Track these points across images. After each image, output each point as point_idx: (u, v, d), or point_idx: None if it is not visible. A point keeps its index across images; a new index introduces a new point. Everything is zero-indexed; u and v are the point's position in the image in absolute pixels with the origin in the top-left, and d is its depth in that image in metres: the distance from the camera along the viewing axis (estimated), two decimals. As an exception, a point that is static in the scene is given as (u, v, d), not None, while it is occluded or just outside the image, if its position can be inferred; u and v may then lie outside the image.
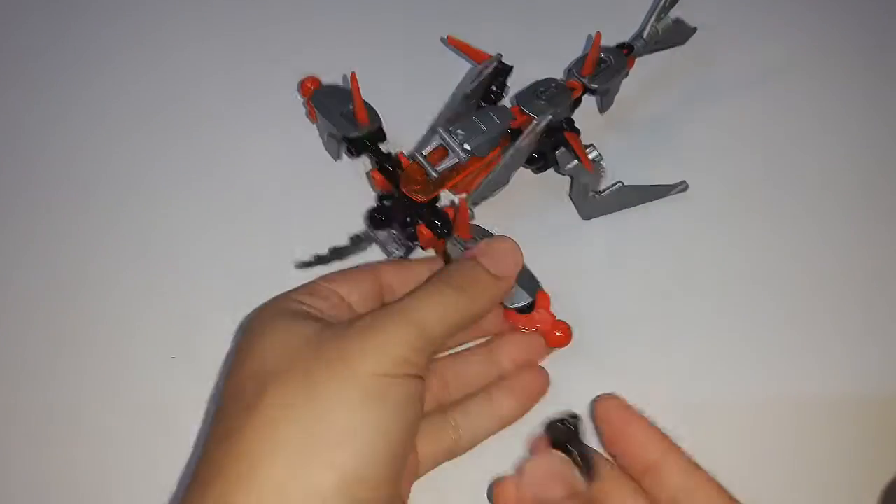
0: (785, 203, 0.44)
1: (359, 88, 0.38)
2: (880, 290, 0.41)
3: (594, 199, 0.42)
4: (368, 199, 0.42)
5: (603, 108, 0.45)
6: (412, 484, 0.33)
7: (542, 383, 0.36)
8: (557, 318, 0.35)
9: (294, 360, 0.28)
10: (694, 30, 0.49)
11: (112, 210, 0.43)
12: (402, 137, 0.42)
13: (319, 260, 0.40)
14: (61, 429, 0.37)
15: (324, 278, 0.34)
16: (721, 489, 0.29)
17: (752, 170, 0.45)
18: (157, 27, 0.52)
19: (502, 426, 0.35)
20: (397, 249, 0.40)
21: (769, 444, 0.36)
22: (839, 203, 0.44)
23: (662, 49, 0.47)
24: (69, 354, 0.39)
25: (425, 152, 0.38)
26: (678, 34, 0.48)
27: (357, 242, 0.41)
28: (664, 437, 0.30)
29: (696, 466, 0.30)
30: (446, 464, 0.34)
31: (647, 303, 0.40)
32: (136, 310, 0.40)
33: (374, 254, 0.41)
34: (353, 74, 0.38)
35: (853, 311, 0.40)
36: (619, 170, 0.42)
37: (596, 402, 0.32)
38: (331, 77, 0.43)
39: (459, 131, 0.37)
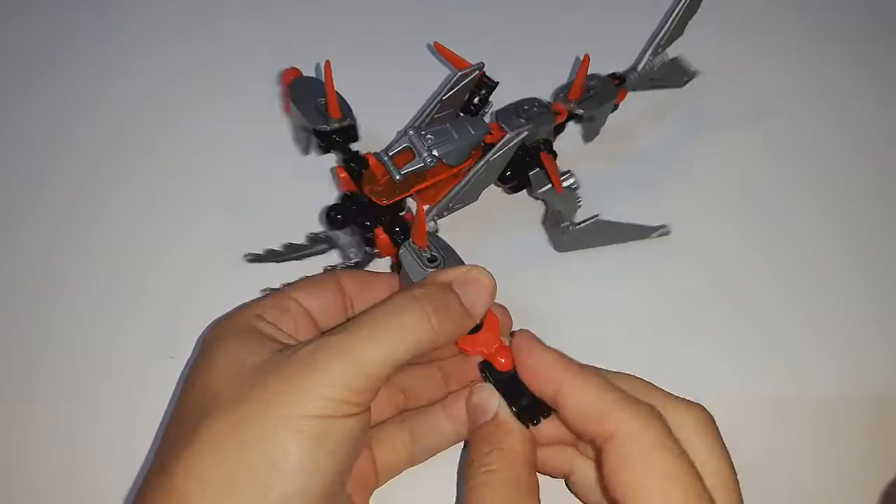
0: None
1: (332, 79, 0.37)
2: (878, 292, 0.41)
3: (569, 232, 0.40)
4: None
5: (587, 137, 0.43)
6: (370, 494, 0.32)
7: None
8: (504, 344, 0.33)
9: (235, 394, 0.27)
10: (695, 73, 0.47)
11: (105, 206, 0.42)
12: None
13: (272, 254, 0.39)
14: (61, 429, 0.36)
15: (291, 287, 0.33)
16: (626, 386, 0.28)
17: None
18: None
19: (459, 439, 0.34)
20: (355, 255, 0.38)
21: (769, 444, 0.36)
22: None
23: (659, 88, 0.46)
24: (68, 354, 0.38)
25: (391, 153, 0.36)
26: (677, 75, 0.47)
27: (314, 242, 0.39)
28: (570, 361, 0.29)
29: (605, 382, 0.28)
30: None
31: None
32: (135, 309, 0.39)
33: (332, 257, 0.40)
34: (327, 63, 0.36)
35: (852, 313, 0.40)
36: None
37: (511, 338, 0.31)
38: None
39: (430, 136, 0.36)
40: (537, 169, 0.38)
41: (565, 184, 0.38)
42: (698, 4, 0.43)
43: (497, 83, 0.40)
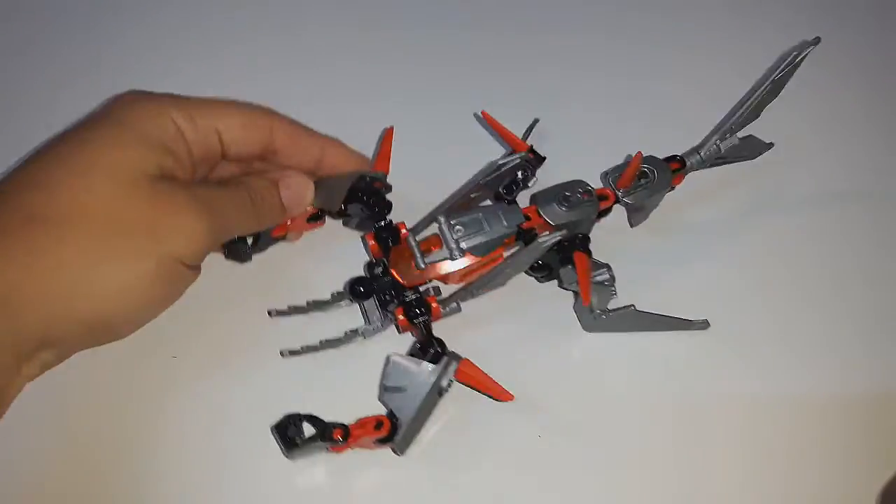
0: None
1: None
2: (878, 291, 0.41)
3: (600, 317, 0.38)
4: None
5: (633, 222, 0.41)
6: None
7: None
8: None
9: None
10: (769, 146, 0.44)
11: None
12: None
13: (295, 310, 0.39)
14: (61, 429, 0.36)
15: (223, 107, 0.35)
16: None
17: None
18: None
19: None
20: (378, 320, 0.38)
21: (768, 444, 0.36)
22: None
23: (725, 164, 0.43)
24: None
25: (419, 238, 0.35)
26: (747, 149, 0.43)
27: (337, 299, 0.39)
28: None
29: None
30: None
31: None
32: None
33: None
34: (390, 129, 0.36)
35: (851, 312, 0.40)
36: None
37: None
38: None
39: (459, 227, 0.35)
40: (569, 266, 0.36)
41: (598, 279, 0.36)
42: (781, 88, 0.39)
43: (544, 158, 0.38)
